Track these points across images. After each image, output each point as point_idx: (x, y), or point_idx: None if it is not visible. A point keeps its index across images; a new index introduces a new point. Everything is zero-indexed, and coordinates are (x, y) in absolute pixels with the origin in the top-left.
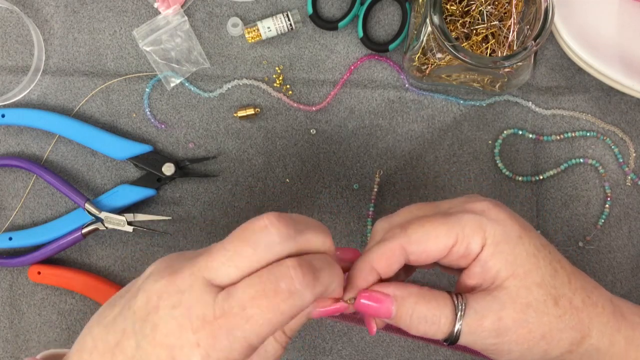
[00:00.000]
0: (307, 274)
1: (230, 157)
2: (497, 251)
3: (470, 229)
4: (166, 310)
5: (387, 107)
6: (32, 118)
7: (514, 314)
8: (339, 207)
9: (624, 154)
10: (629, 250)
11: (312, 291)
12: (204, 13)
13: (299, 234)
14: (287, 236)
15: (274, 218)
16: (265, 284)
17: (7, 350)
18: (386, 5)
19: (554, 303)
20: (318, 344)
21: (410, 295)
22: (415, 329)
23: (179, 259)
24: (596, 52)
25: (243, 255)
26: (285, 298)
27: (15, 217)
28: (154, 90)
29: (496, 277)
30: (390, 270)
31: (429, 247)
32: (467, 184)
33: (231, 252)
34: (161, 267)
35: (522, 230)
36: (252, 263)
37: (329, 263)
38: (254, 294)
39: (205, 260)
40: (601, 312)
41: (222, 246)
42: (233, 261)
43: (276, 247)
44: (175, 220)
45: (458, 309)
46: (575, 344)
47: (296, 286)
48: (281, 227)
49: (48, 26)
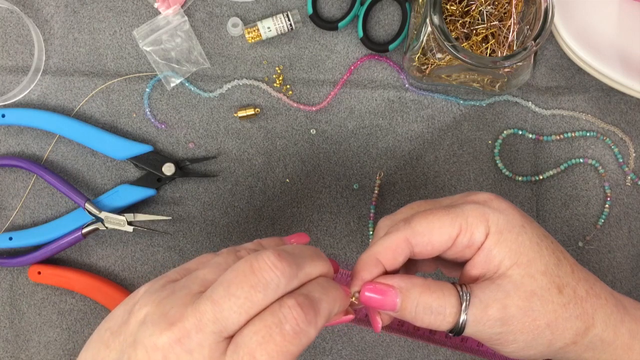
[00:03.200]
0: (309, 312)
1: (230, 157)
2: (500, 239)
3: (473, 218)
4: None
5: (387, 107)
6: (32, 118)
7: (518, 302)
8: (339, 207)
9: (624, 154)
10: (629, 250)
11: (316, 327)
12: (204, 13)
13: (300, 269)
14: (291, 276)
15: (276, 259)
16: (271, 329)
17: (7, 350)
18: (386, 5)
19: (558, 291)
20: (318, 344)
21: (414, 285)
22: (420, 320)
23: (171, 295)
24: (596, 52)
25: (254, 302)
26: (291, 340)
27: (16, 217)
28: (154, 90)
29: (500, 266)
30: (395, 263)
31: (433, 238)
32: (467, 184)
33: (242, 299)
34: (155, 313)
35: (524, 219)
36: (260, 308)
37: (325, 289)
38: (261, 341)
39: (212, 309)
40: (604, 303)
41: (229, 292)
42: (244, 309)
43: (281, 288)
44: (175, 220)
45: (463, 298)
46: (580, 335)
47: (300, 326)
48: (285, 267)
49: (48, 26)
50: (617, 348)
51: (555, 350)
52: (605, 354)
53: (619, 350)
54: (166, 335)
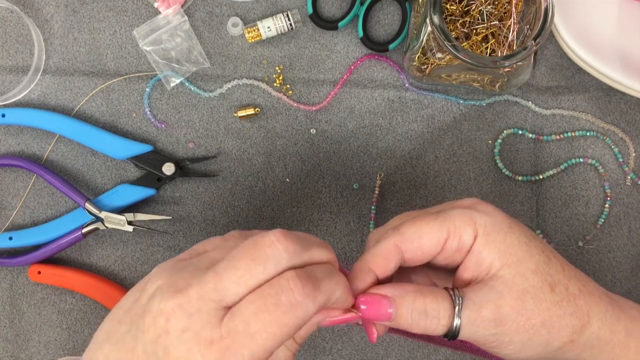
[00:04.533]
0: (307, 284)
1: (230, 157)
2: (489, 241)
3: (461, 221)
4: (176, 334)
5: (387, 107)
6: (32, 118)
7: (511, 301)
8: (339, 207)
9: (624, 153)
10: (629, 249)
11: (314, 301)
12: (204, 13)
13: (305, 250)
14: (294, 252)
15: (281, 235)
16: (266, 299)
17: (7, 350)
18: (386, 5)
19: (550, 289)
20: (318, 344)
21: (407, 292)
22: (416, 326)
23: (180, 270)
24: (596, 52)
25: (253, 274)
26: (286, 311)
27: (16, 217)
28: (154, 90)
29: (491, 267)
30: (387, 270)
31: (423, 243)
32: (467, 184)
33: (242, 270)
34: (165, 285)
35: (510, 221)
36: (260, 281)
37: (330, 272)
38: (255, 310)
39: (214, 281)
40: (598, 301)
41: (232, 265)
42: (243, 280)
43: (283, 264)
44: (175, 220)
45: (456, 302)
46: (577, 333)
47: (297, 298)
48: (289, 243)
49: (48, 26)
50: (615, 347)
51: (553, 351)
52: (603, 353)
53: (616, 349)
54: (171, 301)
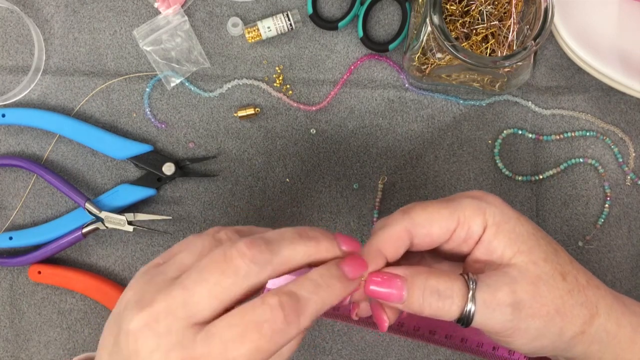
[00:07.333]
0: (290, 313)
1: (230, 157)
2: (499, 231)
3: (470, 211)
4: (145, 355)
5: (387, 107)
6: (32, 118)
7: (526, 287)
8: (339, 207)
9: (624, 153)
10: (629, 249)
11: (298, 327)
12: (204, 13)
13: (275, 255)
14: (263, 262)
15: (245, 246)
16: (248, 326)
17: (7, 350)
18: (386, 5)
19: (562, 278)
20: (318, 344)
21: (420, 272)
22: (428, 307)
23: (149, 281)
24: (596, 52)
25: (223, 287)
26: (269, 339)
27: (16, 217)
28: (154, 90)
29: (503, 256)
30: (396, 254)
31: (432, 230)
32: (467, 184)
33: (211, 284)
34: (132, 299)
35: (518, 213)
36: (233, 294)
37: (318, 286)
38: (236, 336)
39: (182, 294)
40: (604, 294)
41: (201, 277)
42: (213, 293)
43: (254, 276)
44: (175, 220)
45: (470, 285)
46: (587, 323)
47: (280, 327)
48: (255, 254)
49: (48, 26)
50: (621, 341)
51: (566, 341)
52: (610, 347)
53: (622, 343)
54: (136, 319)
